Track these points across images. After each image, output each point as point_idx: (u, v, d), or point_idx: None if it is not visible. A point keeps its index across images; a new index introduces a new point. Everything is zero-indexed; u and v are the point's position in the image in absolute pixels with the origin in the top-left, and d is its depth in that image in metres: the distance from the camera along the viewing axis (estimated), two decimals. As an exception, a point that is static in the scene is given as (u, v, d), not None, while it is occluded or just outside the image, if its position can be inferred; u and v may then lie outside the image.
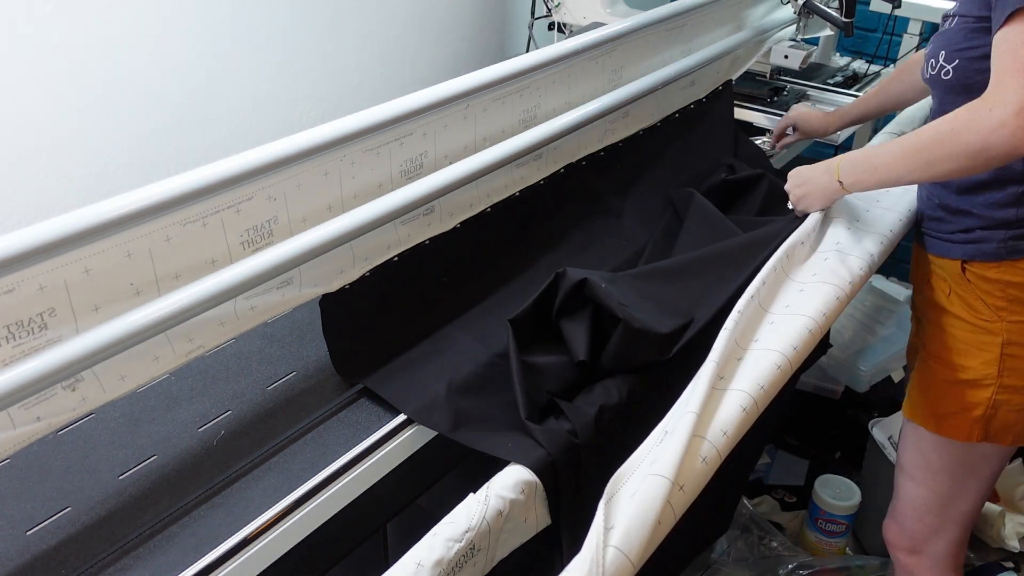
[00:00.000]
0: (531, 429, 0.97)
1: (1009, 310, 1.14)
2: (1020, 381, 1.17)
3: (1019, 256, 1.12)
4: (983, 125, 0.96)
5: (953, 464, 1.26)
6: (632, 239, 1.41)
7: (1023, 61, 0.94)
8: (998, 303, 1.14)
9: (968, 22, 1.08)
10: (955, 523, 1.29)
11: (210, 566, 0.82)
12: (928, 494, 1.30)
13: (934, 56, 1.14)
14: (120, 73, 1.65)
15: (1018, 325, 1.14)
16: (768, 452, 2.11)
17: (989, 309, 1.15)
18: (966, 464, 1.25)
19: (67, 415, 0.83)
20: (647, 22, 1.49)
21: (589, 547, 0.75)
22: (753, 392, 0.95)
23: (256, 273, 0.91)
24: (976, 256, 1.16)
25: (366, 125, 1.02)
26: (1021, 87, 0.93)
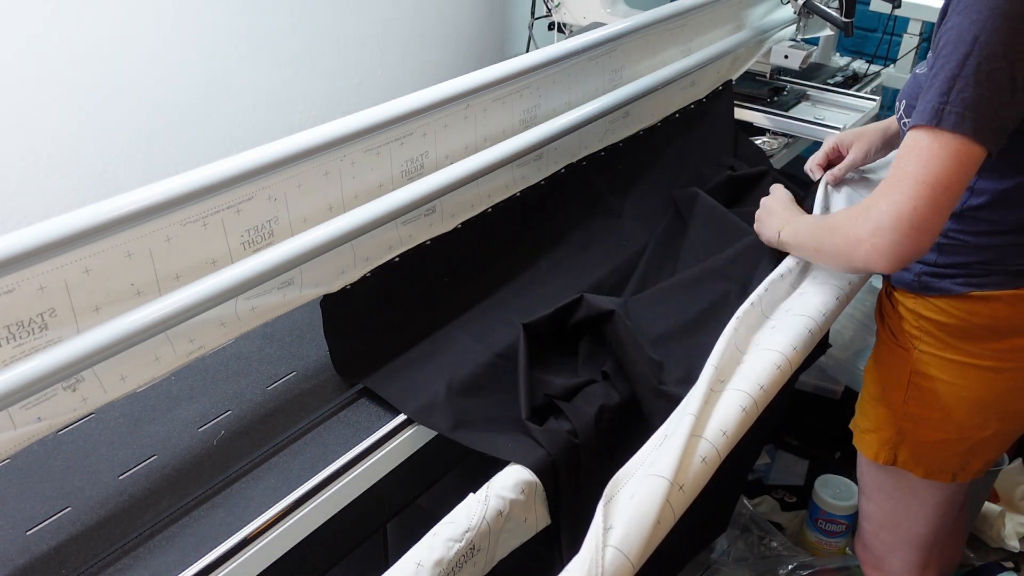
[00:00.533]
0: (531, 429, 0.97)
1: (921, 339, 1.11)
2: (924, 412, 1.14)
3: (932, 293, 1.09)
4: (849, 234, 0.97)
5: (886, 485, 1.23)
6: (632, 239, 1.41)
7: (903, 173, 0.91)
8: (912, 331, 1.12)
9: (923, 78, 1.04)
10: (909, 545, 1.26)
11: (210, 566, 0.82)
12: (876, 511, 1.28)
13: (900, 100, 1.11)
14: (120, 73, 1.65)
15: (927, 355, 1.11)
16: (768, 452, 2.11)
17: (904, 336, 1.13)
18: (899, 487, 1.22)
19: (68, 415, 0.83)
20: (647, 22, 1.49)
21: (588, 547, 0.75)
22: (753, 392, 0.95)
23: (257, 273, 0.91)
24: (898, 283, 1.14)
25: (366, 125, 1.02)
26: (888, 205, 0.91)
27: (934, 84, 0.91)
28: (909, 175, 0.90)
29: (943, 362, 1.10)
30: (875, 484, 1.25)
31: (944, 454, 1.15)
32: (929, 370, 1.11)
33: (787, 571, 1.74)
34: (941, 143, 0.89)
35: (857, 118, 1.84)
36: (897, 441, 1.16)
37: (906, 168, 0.91)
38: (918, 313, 1.11)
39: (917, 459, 1.16)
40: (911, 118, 0.93)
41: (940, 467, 1.16)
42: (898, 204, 0.90)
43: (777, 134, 1.84)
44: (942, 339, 1.09)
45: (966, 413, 1.11)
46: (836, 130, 1.76)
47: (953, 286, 1.07)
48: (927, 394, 1.12)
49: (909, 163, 0.91)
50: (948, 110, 0.89)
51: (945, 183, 0.89)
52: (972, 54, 0.88)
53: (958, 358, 1.09)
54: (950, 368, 1.10)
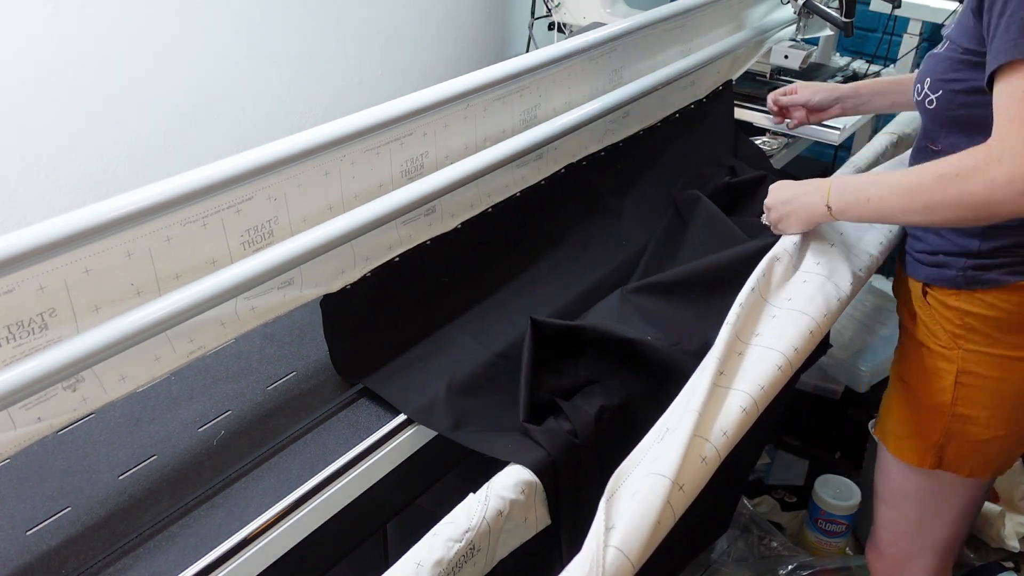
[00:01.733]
0: (531, 430, 0.97)
1: (966, 338, 1.09)
2: (973, 411, 1.12)
3: (978, 287, 1.07)
4: (990, 177, 0.89)
5: (919, 489, 1.22)
6: (632, 239, 1.41)
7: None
8: (955, 331, 1.10)
9: (956, 51, 1.03)
10: (930, 550, 1.25)
11: (210, 566, 0.82)
12: (899, 518, 1.26)
13: (920, 81, 1.10)
14: (121, 73, 1.65)
15: (974, 354, 1.10)
16: (768, 452, 2.11)
17: (947, 335, 1.11)
18: (932, 490, 1.21)
19: (68, 415, 0.83)
20: (647, 22, 1.49)
21: (589, 547, 0.75)
22: (753, 392, 0.95)
23: (256, 273, 0.91)
24: (937, 280, 1.12)
25: (366, 125, 1.02)
26: None
27: (1012, 25, 0.90)
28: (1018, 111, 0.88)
29: (991, 359, 1.09)
30: (902, 490, 1.23)
31: (991, 451, 1.14)
32: (978, 368, 1.10)
33: (787, 571, 1.74)
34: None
35: (857, 118, 1.84)
36: (943, 443, 1.15)
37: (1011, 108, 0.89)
38: (963, 310, 1.09)
39: (963, 459, 1.15)
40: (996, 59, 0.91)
41: (985, 465, 1.16)
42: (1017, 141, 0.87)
43: (777, 134, 1.84)
44: (989, 335, 1.08)
45: (1014, 407, 1.10)
46: (836, 130, 1.76)
47: (1002, 276, 1.06)
48: (976, 393, 1.11)
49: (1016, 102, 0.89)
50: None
51: None
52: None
53: (1007, 352, 1.08)
54: (999, 364, 1.08)
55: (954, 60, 1.03)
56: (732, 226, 1.34)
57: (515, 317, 1.19)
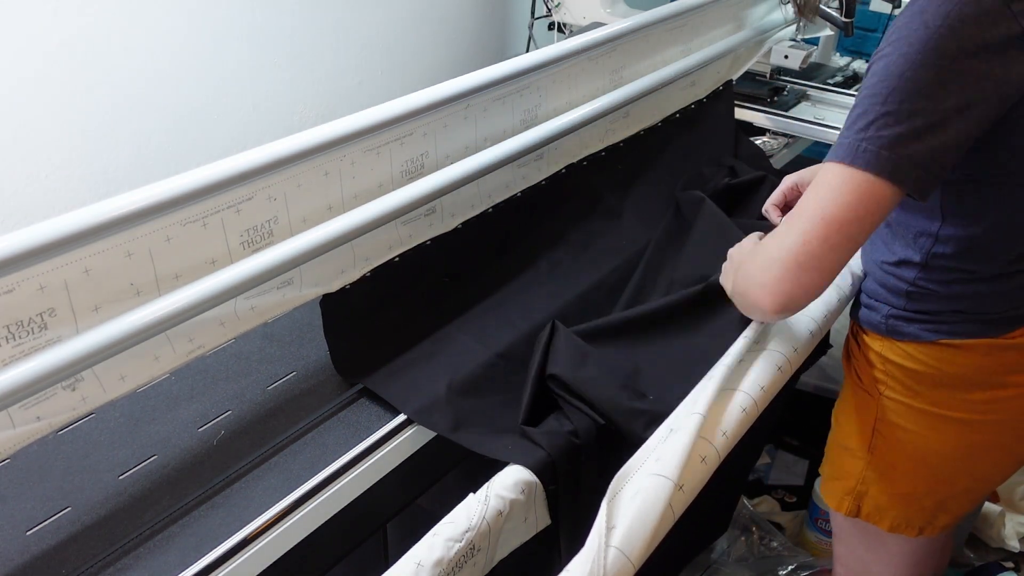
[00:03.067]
0: (530, 431, 0.97)
1: (887, 385, 1.04)
2: (889, 463, 1.07)
3: (900, 338, 1.02)
4: (752, 271, 0.88)
5: (856, 533, 1.16)
6: (633, 239, 1.41)
7: (800, 211, 0.84)
8: (878, 375, 1.05)
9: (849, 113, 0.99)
10: None
11: (210, 566, 0.82)
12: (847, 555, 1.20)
13: None
14: (120, 73, 1.65)
15: (893, 403, 1.04)
16: (768, 452, 2.11)
17: (869, 379, 1.06)
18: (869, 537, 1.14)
19: (67, 415, 0.83)
20: (647, 22, 1.49)
21: (591, 547, 0.75)
22: (753, 393, 0.95)
23: (256, 273, 0.91)
24: (865, 322, 1.07)
25: (366, 125, 1.02)
26: (778, 238, 0.84)
27: (855, 118, 0.84)
28: (806, 210, 0.84)
29: (910, 411, 1.03)
30: (843, 529, 1.19)
31: (910, 508, 1.08)
32: (895, 418, 1.04)
33: (787, 571, 1.74)
34: (846, 179, 0.82)
35: (857, 118, 1.84)
36: (861, 492, 1.10)
37: (805, 203, 0.84)
38: (885, 357, 1.04)
39: (882, 512, 1.10)
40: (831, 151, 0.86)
41: (906, 521, 1.09)
42: (786, 236, 0.84)
43: (777, 134, 1.84)
44: (910, 386, 1.02)
45: (934, 467, 1.05)
46: (836, 130, 1.76)
47: (922, 332, 1.00)
48: (892, 444, 1.06)
49: (810, 198, 0.84)
50: (864, 147, 0.81)
51: (840, 220, 0.81)
52: (896, 90, 0.80)
53: (926, 407, 1.02)
54: (917, 418, 1.03)
55: None
56: (738, 232, 1.33)
57: (515, 317, 1.19)
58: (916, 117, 0.80)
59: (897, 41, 0.81)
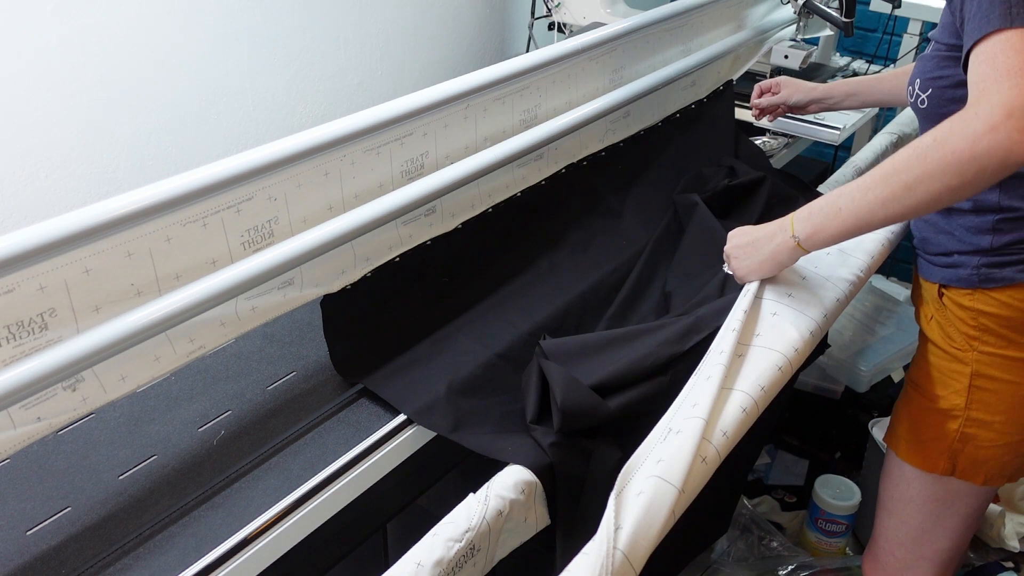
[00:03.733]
0: (531, 430, 0.97)
1: (981, 340, 1.07)
2: (988, 415, 1.09)
3: (992, 285, 1.05)
4: (971, 130, 0.85)
5: (925, 496, 1.19)
6: (633, 239, 1.41)
7: (1005, 66, 0.85)
8: (970, 332, 1.08)
9: (940, 49, 1.03)
10: (929, 561, 1.22)
11: (210, 566, 0.82)
12: (900, 526, 1.23)
13: (912, 83, 1.09)
14: (121, 74, 1.65)
15: (989, 356, 1.07)
16: (768, 452, 2.11)
17: (962, 337, 1.09)
18: (939, 498, 1.17)
19: (68, 415, 0.83)
20: (647, 22, 1.49)
21: (599, 548, 0.75)
22: (753, 393, 0.95)
23: (257, 273, 0.91)
24: (952, 281, 1.10)
25: (366, 125, 1.02)
26: (1010, 88, 0.84)
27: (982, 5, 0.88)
28: (1016, 64, 0.85)
29: (1006, 362, 1.06)
30: (907, 495, 1.20)
31: (1006, 458, 1.11)
32: (992, 371, 1.07)
33: (787, 571, 1.74)
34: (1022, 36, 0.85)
35: (857, 118, 1.84)
36: (957, 450, 1.12)
37: (1007, 63, 0.85)
38: (978, 310, 1.07)
39: (977, 467, 1.12)
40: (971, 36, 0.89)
41: (999, 472, 1.13)
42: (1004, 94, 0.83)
43: (777, 134, 1.84)
44: (1005, 336, 1.06)
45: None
46: (836, 130, 1.76)
47: (1016, 274, 1.03)
48: (991, 397, 1.08)
49: (1006, 59, 0.86)
50: (1016, 10, 0.86)
51: None
52: None
53: (1022, 355, 1.06)
54: (1014, 367, 1.06)
55: (940, 58, 1.04)
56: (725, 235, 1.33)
57: (515, 317, 1.19)
58: None
59: None
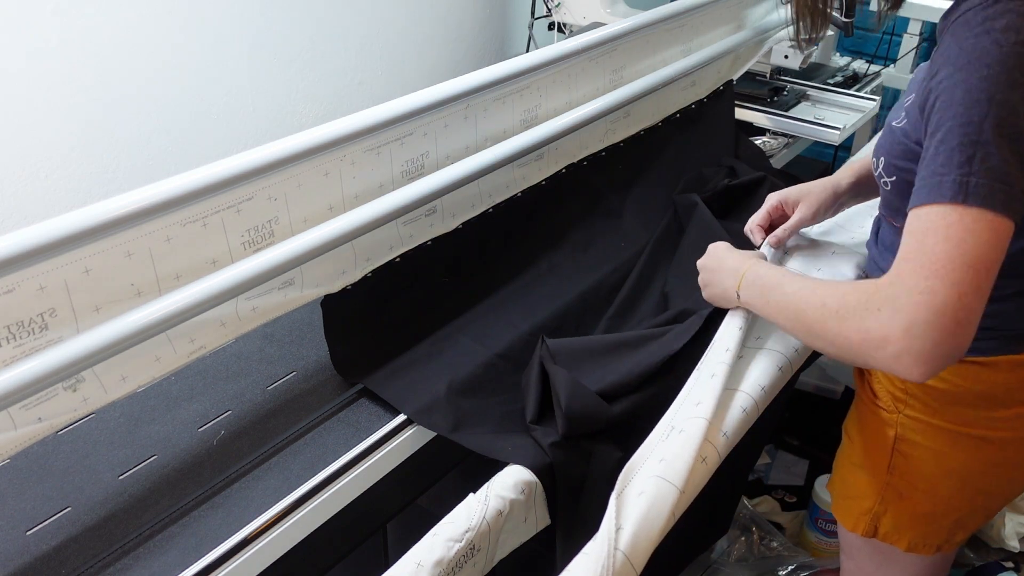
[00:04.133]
0: (531, 430, 0.97)
1: (907, 403, 0.99)
2: (911, 482, 1.02)
3: None
4: (865, 327, 0.78)
5: (868, 550, 1.12)
6: (633, 239, 1.41)
7: (932, 256, 0.75)
8: (897, 394, 1.00)
9: (908, 139, 0.89)
10: None
11: (210, 566, 0.82)
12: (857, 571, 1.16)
13: (876, 156, 0.97)
14: (120, 73, 1.65)
15: (914, 421, 0.99)
16: (768, 452, 2.11)
17: (889, 397, 1.01)
18: (882, 554, 1.10)
19: (68, 415, 0.83)
20: (647, 22, 1.49)
21: (600, 548, 0.75)
22: (754, 393, 0.95)
23: (257, 273, 0.91)
24: None
25: (366, 125, 1.02)
26: (922, 293, 0.74)
27: (948, 153, 0.76)
28: (943, 257, 0.74)
29: (932, 429, 0.99)
30: (855, 547, 1.15)
31: (929, 527, 1.05)
32: (916, 437, 1.00)
33: (787, 571, 1.74)
34: (974, 218, 0.74)
35: (857, 118, 1.84)
36: (879, 512, 1.06)
37: (935, 249, 0.74)
38: None
39: (900, 533, 1.06)
40: (918, 196, 0.78)
41: (924, 541, 1.06)
42: (937, 293, 0.73)
43: (777, 134, 1.84)
44: (931, 404, 0.98)
45: (955, 485, 1.01)
46: (836, 130, 1.76)
47: None
48: (913, 463, 1.02)
49: (937, 243, 0.75)
50: (974, 182, 0.74)
51: (988, 264, 0.74)
52: (989, 116, 0.74)
53: (949, 425, 0.98)
54: (939, 436, 0.99)
55: (906, 148, 0.90)
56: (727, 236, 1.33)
57: (515, 318, 1.19)
58: (1017, 142, 0.74)
59: (968, 64, 0.76)
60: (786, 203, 1.18)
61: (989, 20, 0.76)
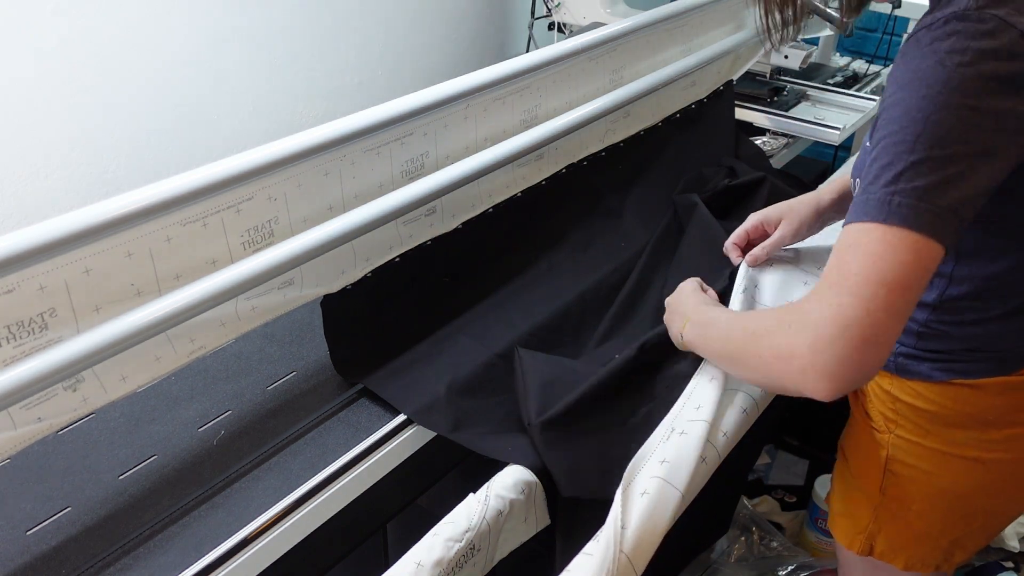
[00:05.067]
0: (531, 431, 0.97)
1: (898, 424, 0.98)
2: (904, 502, 1.01)
3: (908, 376, 0.96)
4: (777, 345, 0.77)
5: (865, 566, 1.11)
6: (633, 239, 1.41)
7: (850, 271, 0.73)
8: (888, 414, 0.99)
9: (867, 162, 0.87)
10: None
11: (210, 566, 0.82)
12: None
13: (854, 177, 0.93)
14: (120, 73, 1.65)
15: (904, 442, 0.98)
16: (768, 452, 2.11)
17: (881, 418, 1.00)
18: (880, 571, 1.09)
19: (68, 415, 0.83)
20: (647, 22, 1.49)
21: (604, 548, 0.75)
22: (753, 393, 0.96)
23: (257, 273, 0.91)
24: None
25: (366, 125, 1.02)
26: (832, 308, 0.73)
27: (878, 171, 0.75)
28: (856, 273, 0.73)
29: (923, 450, 0.98)
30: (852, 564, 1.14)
31: (926, 547, 1.04)
32: (908, 458, 0.99)
33: (787, 571, 1.74)
34: (893, 237, 0.73)
35: (857, 118, 1.84)
36: (874, 531, 1.05)
37: (851, 266, 0.74)
38: (895, 396, 0.98)
39: (895, 552, 1.05)
40: (849, 214, 0.77)
41: (921, 560, 1.04)
42: (845, 307, 0.72)
43: (777, 134, 1.84)
44: (922, 426, 0.97)
45: (949, 506, 1.00)
46: (836, 130, 1.76)
47: (934, 372, 0.94)
48: (906, 484, 1.00)
49: (854, 260, 0.74)
50: (898, 201, 0.72)
51: (904, 284, 0.72)
52: (923, 135, 0.72)
53: (940, 447, 0.97)
54: (931, 457, 0.98)
55: None
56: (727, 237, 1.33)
57: (515, 318, 1.19)
58: (948, 163, 0.72)
59: (911, 83, 0.75)
60: (767, 222, 1.17)
61: (936, 41, 0.74)
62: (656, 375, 1.03)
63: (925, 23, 0.77)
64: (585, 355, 1.15)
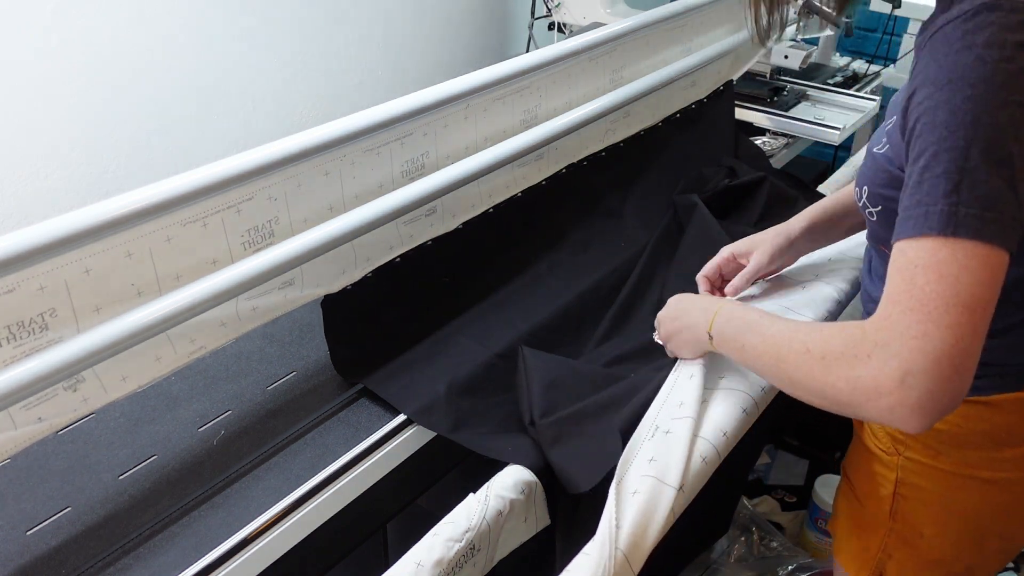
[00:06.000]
0: (531, 430, 0.97)
1: (907, 445, 0.94)
2: (915, 528, 0.96)
3: None
4: (855, 375, 0.71)
5: None
6: (633, 239, 1.41)
7: (921, 296, 0.68)
8: (896, 435, 0.95)
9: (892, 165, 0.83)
10: None
11: (210, 566, 0.82)
12: None
13: (860, 186, 0.90)
14: (120, 73, 1.65)
15: (915, 464, 0.94)
16: (768, 452, 2.11)
17: (888, 439, 0.96)
18: None
19: (68, 415, 0.83)
20: (647, 22, 1.49)
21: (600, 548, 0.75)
22: (754, 393, 0.96)
23: (257, 273, 0.91)
24: None
25: (366, 125, 1.02)
26: (915, 338, 0.68)
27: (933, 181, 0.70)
28: (936, 298, 0.68)
29: (934, 472, 0.93)
30: None
31: (938, 574, 0.99)
32: (918, 481, 0.95)
33: (787, 571, 1.74)
34: (966, 253, 0.68)
35: (857, 118, 1.84)
36: (884, 558, 1.01)
37: (926, 288, 0.68)
38: None
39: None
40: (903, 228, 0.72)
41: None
42: (933, 338, 0.67)
43: (777, 134, 1.84)
44: (932, 446, 0.93)
45: (962, 530, 0.96)
46: (836, 130, 1.76)
47: None
48: (916, 508, 0.96)
49: (928, 282, 0.68)
50: (964, 212, 0.68)
51: (985, 302, 0.68)
52: (976, 139, 0.68)
53: (952, 468, 0.92)
54: (942, 479, 0.93)
55: (891, 175, 0.84)
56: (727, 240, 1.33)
57: (515, 318, 1.19)
58: (1005, 166, 0.68)
59: (951, 83, 0.70)
60: (739, 254, 1.14)
61: (969, 35, 0.70)
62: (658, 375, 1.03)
63: (950, 16, 0.72)
64: (585, 355, 1.15)
